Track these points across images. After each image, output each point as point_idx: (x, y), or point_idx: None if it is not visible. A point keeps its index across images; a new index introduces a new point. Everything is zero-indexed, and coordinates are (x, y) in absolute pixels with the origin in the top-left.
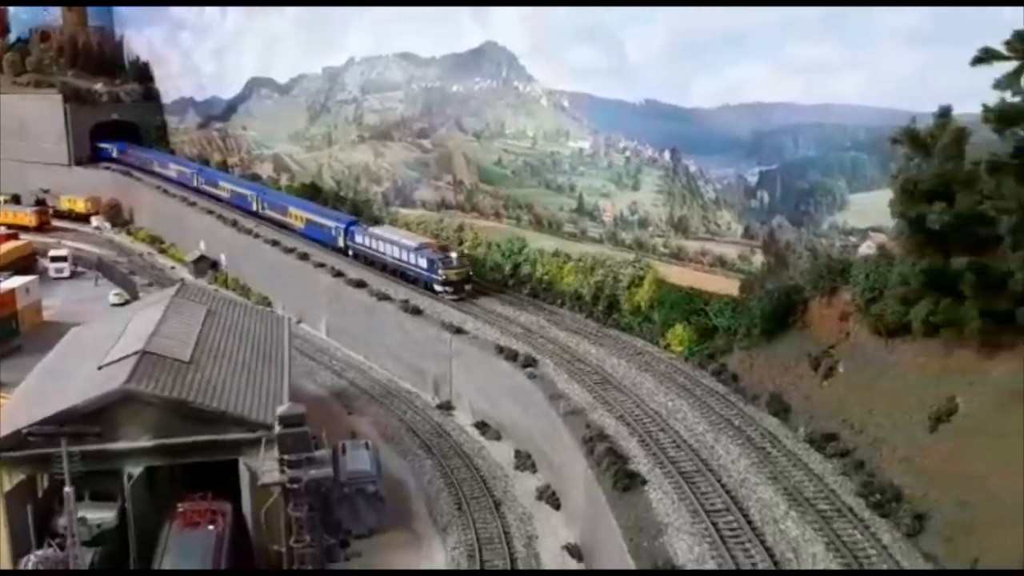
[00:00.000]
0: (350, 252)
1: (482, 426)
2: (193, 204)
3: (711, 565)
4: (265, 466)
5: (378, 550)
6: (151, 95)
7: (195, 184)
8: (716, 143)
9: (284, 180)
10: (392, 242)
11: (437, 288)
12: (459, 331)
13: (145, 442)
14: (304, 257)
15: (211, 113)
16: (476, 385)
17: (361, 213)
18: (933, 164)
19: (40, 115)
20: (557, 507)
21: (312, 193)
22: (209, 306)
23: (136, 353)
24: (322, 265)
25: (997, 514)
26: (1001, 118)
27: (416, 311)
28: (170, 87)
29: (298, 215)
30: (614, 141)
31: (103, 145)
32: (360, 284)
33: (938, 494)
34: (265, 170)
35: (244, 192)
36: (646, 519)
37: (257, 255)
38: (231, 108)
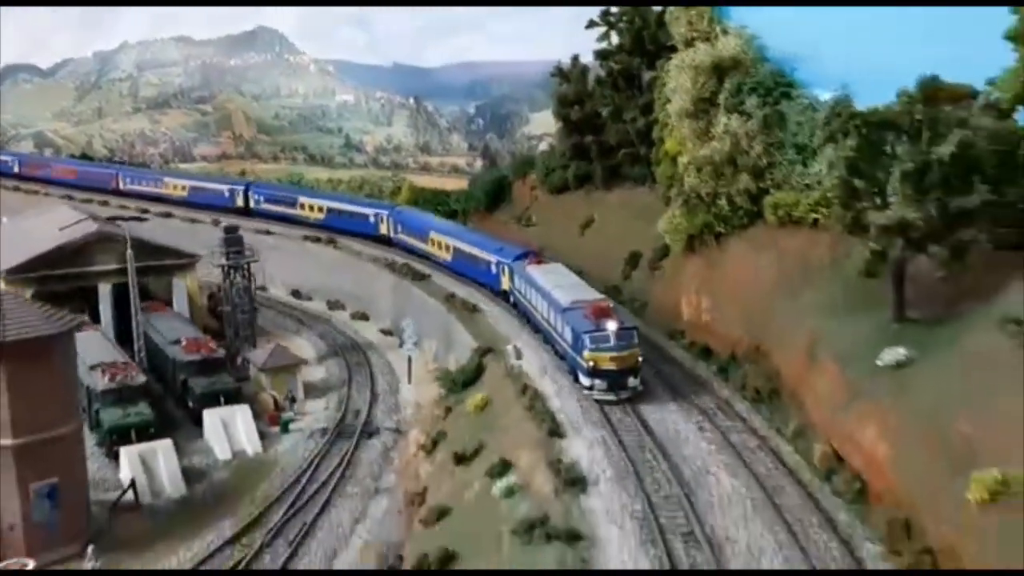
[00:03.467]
0: (511, 300)
1: (296, 294)
2: None
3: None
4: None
5: (261, 342)
6: None
7: (240, 204)
8: (446, 90)
9: (48, 153)
10: (542, 292)
11: (583, 380)
12: (269, 232)
13: (115, 265)
14: (105, 204)
15: None
16: (287, 268)
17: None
18: (572, 86)
19: None
20: (367, 319)
21: (82, 159)
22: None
23: (86, 217)
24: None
25: (613, 259)
26: (601, 56)
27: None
28: None
29: (444, 243)
30: (371, 93)
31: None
32: (168, 215)
33: (582, 257)
34: (26, 147)
35: (364, 212)
36: (435, 288)
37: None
38: None
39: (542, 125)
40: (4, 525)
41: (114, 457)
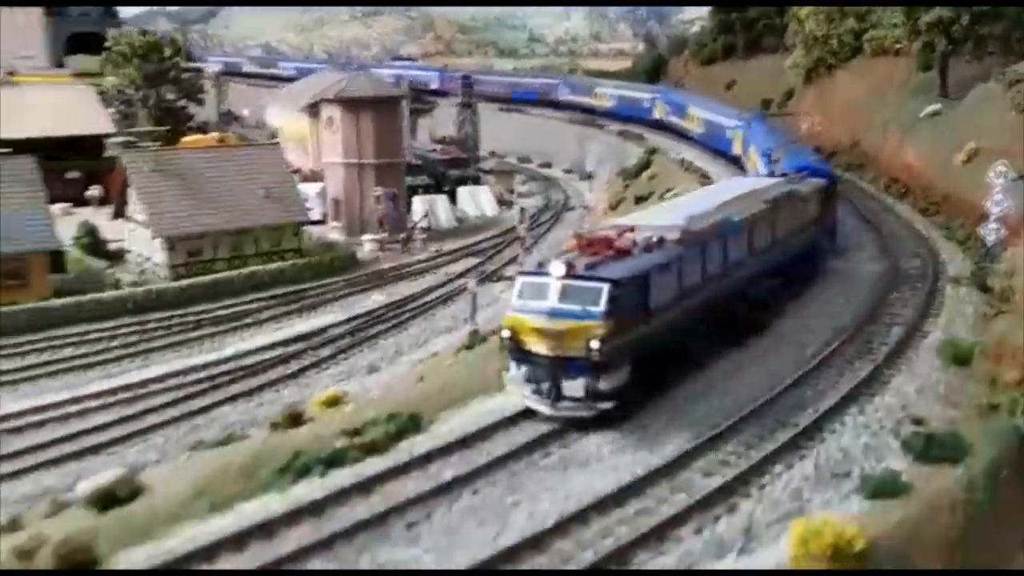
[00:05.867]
0: None
1: (492, 153)
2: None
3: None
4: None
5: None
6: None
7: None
8: None
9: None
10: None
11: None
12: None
13: None
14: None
15: (188, 18)
16: (486, 134)
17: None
18: None
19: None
20: (550, 167)
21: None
22: None
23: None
24: None
25: (750, 105)
26: None
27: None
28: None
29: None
30: None
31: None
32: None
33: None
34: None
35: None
36: (610, 130)
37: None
38: (211, 13)
39: (695, 12)
40: (366, 214)
41: (407, 207)
